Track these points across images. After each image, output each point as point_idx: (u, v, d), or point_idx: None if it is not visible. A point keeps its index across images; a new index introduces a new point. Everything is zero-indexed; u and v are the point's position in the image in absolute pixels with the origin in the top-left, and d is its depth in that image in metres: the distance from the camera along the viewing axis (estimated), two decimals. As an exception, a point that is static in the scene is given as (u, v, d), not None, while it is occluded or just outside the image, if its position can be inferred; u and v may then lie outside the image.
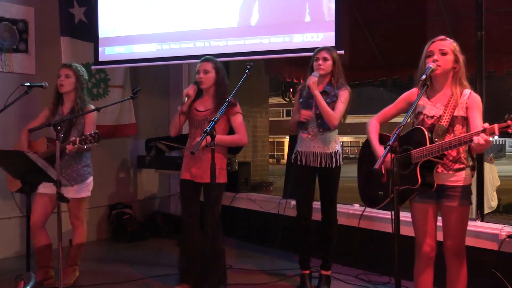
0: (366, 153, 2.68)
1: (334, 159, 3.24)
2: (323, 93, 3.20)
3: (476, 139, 2.06)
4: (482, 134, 2.04)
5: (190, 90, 3.14)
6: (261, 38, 3.83)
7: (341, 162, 3.30)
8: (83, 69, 3.50)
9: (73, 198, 3.27)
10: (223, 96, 3.11)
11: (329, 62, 3.20)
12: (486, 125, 2.05)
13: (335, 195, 3.36)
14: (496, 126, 2.00)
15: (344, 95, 3.19)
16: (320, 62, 3.20)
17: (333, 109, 3.15)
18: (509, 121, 1.95)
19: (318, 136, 3.23)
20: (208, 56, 3.28)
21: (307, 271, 3.43)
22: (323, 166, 3.24)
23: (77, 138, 3.02)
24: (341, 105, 3.17)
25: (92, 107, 3.42)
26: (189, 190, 3.23)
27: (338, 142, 3.32)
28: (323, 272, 3.42)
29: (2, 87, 4.00)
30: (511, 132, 1.94)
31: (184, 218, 3.28)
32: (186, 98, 3.10)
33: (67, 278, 3.46)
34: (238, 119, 3.17)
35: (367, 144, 2.66)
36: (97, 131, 3.02)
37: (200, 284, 3.26)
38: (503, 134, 1.98)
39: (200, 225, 3.28)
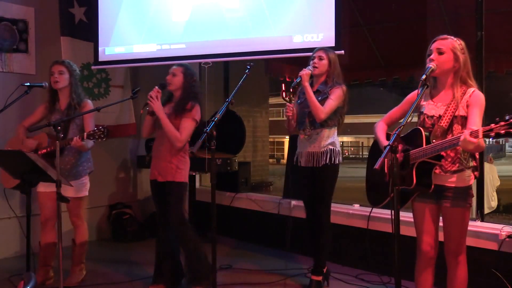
0: (373, 153, 2.69)
1: (328, 157, 3.19)
2: (316, 92, 3.19)
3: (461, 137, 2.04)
4: (466, 132, 2.00)
5: (153, 92, 3.14)
6: (261, 38, 3.84)
7: (337, 161, 3.23)
8: (75, 65, 3.52)
9: (73, 198, 3.28)
10: (184, 101, 3.18)
11: (324, 62, 3.21)
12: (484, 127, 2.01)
13: (327, 195, 3.28)
14: (480, 129, 1.97)
15: (335, 93, 3.15)
16: (316, 61, 3.21)
17: (323, 105, 3.14)
18: (492, 125, 1.91)
19: (314, 136, 3.23)
20: (182, 62, 3.34)
21: (319, 278, 3.35)
22: (317, 165, 3.21)
23: (85, 133, 3.03)
24: (330, 101, 3.14)
25: (89, 101, 3.45)
26: (158, 190, 3.29)
27: (335, 140, 3.26)
28: (314, 277, 3.33)
29: (2, 87, 4.00)
30: (493, 135, 1.90)
31: (158, 218, 3.35)
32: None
33: (75, 278, 3.49)
34: (186, 122, 3.15)
35: (375, 144, 2.67)
36: (105, 125, 3.01)
37: (173, 284, 3.31)
38: (487, 137, 1.94)
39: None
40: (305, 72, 3.14)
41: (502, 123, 1.88)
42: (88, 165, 3.47)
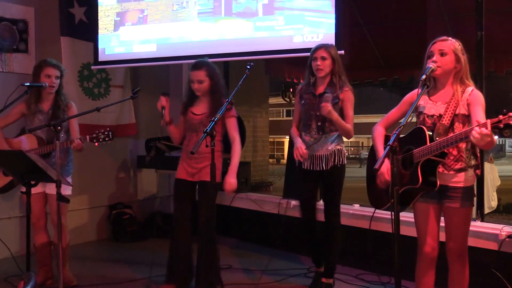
0: (372, 155, 2.68)
1: (336, 158, 3.18)
2: (324, 94, 3.15)
3: (471, 135, 2.02)
4: (476, 128, 1.99)
5: (163, 102, 3.15)
6: (261, 38, 3.83)
7: (344, 162, 3.24)
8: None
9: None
10: (219, 100, 3.13)
11: (328, 61, 3.09)
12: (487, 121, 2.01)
13: (336, 196, 3.25)
14: (488, 121, 1.96)
15: (349, 99, 3.12)
16: (319, 62, 3.08)
17: (339, 114, 3.08)
18: (500, 116, 1.90)
19: (322, 139, 3.17)
20: (199, 62, 3.21)
21: (321, 269, 3.38)
22: (325, 168, 3.19)
23: (87, 136, 3.07)
24: (349, 113, 3.12)
25: (73, 103, 3.46)
26: (183, 189, 3.26)
27: (341, 141, 3.27)
28: (324, 280, 3.31)
29: (2, 87, 4.00)
30: (502, 127, 1.89)
31: (176, 217, 3.30)
32: (163, 110, 3.15)
33: (70, 277, 3.48)
34: (232, 122, 3.17)
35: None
36: (108, 129, 3.09)
37: (186, 284, 3.29)
38: (495, 129, 1.93)
39: (190, 226, 3.29)
40: (326, 107, 2.99)
41: (511, 113, 1.87)
42: (70, 166, 3.47)
